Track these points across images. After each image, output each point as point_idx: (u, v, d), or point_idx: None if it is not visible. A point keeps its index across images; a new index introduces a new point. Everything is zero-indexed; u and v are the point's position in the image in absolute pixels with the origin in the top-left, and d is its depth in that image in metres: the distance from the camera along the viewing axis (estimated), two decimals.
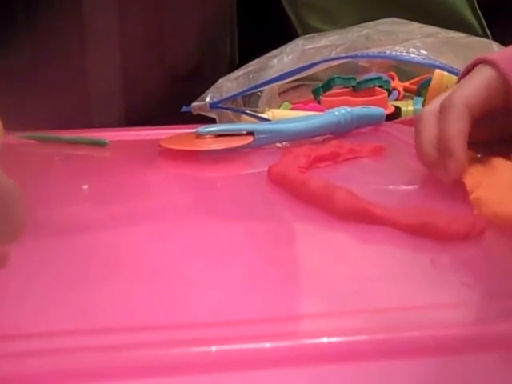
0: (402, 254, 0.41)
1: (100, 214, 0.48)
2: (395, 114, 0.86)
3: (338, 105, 0.71)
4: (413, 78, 1.04)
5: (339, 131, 0.67)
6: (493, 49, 0.75)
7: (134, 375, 0.28)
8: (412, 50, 0.69)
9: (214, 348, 0.29)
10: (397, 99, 0.98)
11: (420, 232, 0.42)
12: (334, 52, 0.72)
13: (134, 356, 0.29)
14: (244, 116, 0.77)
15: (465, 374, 0.29)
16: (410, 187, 0.54)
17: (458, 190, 0.50)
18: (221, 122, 0.74)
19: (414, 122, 0.80)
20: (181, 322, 0.32)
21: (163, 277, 0.38)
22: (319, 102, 0.90)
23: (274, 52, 0.76)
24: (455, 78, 0.73)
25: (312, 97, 0.92)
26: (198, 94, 0.73)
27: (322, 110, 0.77)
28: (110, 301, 0.35)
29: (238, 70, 0.76)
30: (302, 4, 1.20)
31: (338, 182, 0.49)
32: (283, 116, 0.80)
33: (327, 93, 0.91)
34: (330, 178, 0.50)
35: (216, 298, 0.35)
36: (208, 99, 0.72)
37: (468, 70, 0.55)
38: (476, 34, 1.14)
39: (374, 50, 0.70)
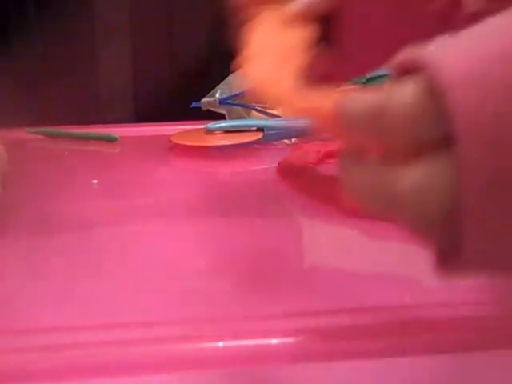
0: (411, 249, 0.40)
1: (110, 209, 0.48)
2: None
3: None
4: None
5: None
6: None
7: (140, 370, 0.28)
8: None
9: (221, 344, 0.29)
10: None
11: None
12: None
13: (140, 351, 0.29)
14: (254, 112, 0.76)
15: (475, 371, 0.30)
16: None
17: None
18: (230, 118, 0.74)
19: None
20: (186, 317, 0.32)
21: (172, 272, 0.38)
22: None
23: None
24: None
25: None
26: (207, 90, 0.72)
27: None
28: (115, 296, 0.35)
29: None
30: None
31: None
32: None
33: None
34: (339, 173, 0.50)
35: (221, 293, 0.35)
36: (217, 95, 0.71)
37: None
38: None
39: None
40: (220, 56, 0.85)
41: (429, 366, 0.29)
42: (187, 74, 0.82)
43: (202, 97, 0.71)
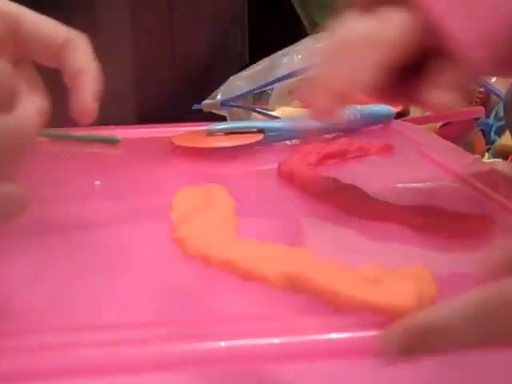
0: (409, 251, 0.41)
1: (112, 211, 0.48)
2: (404, 112, 0.85)
3: None
4: None
5: (348, 129, 0.67)
6: None
7: (136, 370, 0.28)
8: None
9: (222, 343, 0.29)
10: None
11: (428, 230, 0.42)
12: None
13: (139, 352, 0.29)
14: (254, 114, 0.77)
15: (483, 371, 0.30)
16: (418, 185, 0.54)
17: (466, 189, 0.50)
18: (231, 120, 0.74)
19: (423, 120, 0.80)
20: (189, 318, 0.32)
21: (176, 273, 0.38)
22: None
23: (284, 51, 0.75)
24: None
25: None
26: (208, 92, 0.73)
27: None
28: (118, 297, 0.35)
29: (248, 69, 0.76)
30: (312, 4, 1.20)
31: (347, 179, 0.49)
32: (293, 114, 0.80)
33: None
34: (338, 175, 0.51)
35: (223, 294, 0.36)
36: (219, 97, 0.72)
37: None
38: None
39: None
40: (221, 58, 0.87)
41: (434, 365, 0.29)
42: (189, 76, 0.82)
43: (204, 98, 0.72)
